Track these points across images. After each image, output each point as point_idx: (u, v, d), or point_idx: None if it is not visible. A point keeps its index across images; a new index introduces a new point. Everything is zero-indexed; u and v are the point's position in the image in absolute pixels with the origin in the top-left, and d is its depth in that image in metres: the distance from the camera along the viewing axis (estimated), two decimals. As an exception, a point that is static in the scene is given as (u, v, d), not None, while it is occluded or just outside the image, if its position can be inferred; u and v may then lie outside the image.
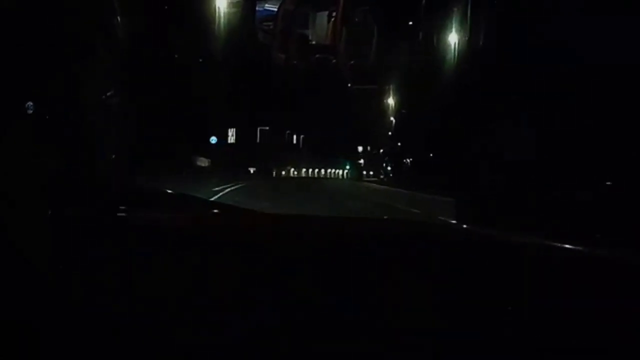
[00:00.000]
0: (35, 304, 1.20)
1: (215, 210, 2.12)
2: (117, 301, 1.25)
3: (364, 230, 1.72)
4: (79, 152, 1.72)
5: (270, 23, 4.81)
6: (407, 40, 4.67)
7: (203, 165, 20.32)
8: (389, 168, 23.85)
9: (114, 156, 2.00)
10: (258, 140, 24.06)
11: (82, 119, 1.79)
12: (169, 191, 2.27)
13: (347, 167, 27.73)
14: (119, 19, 1.98)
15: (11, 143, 1.42)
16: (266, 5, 4.74)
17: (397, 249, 1.41)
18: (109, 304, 1.24)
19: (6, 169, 1.40)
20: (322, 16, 4.99)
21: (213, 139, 20.52)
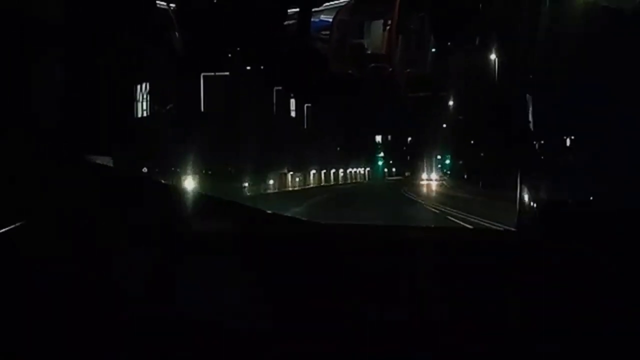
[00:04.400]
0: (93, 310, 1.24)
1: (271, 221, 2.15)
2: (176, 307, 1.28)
3: (424, 239, 1.71)
4: (141, 162, 1.78)
5: (327, 32, 4.84)
6: (463, 46, 4.62)
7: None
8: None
9: (173, 168, 2.06)
10: (202, 108, 10.43)
11: (142, 131, 1.86)
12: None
13: (380, 162, 21.41)
14: (177, 34, 2.05)
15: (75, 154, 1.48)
16: (321, 16, 4.78)
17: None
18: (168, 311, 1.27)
19: (69, 181, 1.46)
20: (378, 25, 4.99)
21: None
